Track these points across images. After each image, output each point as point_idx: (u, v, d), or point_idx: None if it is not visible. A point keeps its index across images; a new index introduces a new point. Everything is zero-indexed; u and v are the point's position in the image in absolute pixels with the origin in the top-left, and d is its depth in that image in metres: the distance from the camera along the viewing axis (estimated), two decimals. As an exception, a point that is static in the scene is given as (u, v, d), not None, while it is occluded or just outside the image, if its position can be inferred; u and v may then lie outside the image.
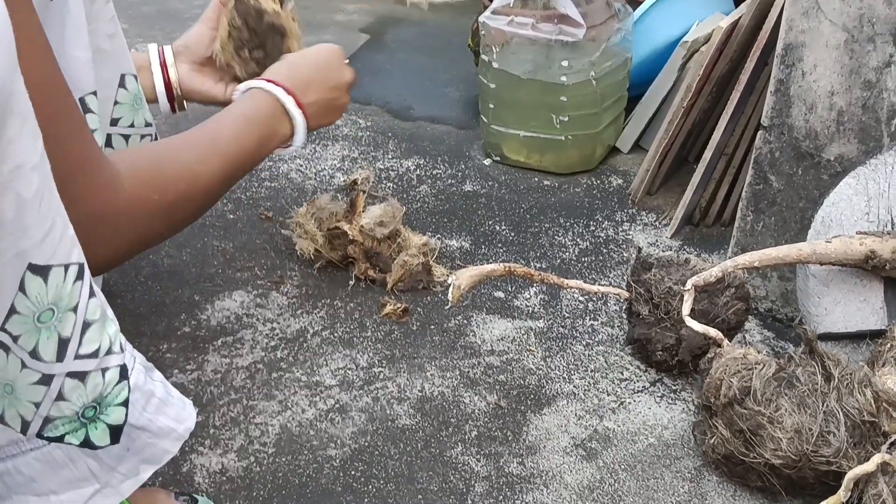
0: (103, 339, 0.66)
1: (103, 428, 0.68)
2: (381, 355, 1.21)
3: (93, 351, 0.66)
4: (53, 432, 0.66)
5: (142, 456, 0.73)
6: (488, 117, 1.70)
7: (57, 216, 0.62)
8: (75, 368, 0.65)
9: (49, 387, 0.64)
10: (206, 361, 1.18)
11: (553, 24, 1.58)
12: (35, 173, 0.58)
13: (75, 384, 0.65)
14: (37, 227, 0.59)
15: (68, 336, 0.64)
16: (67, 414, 0.66)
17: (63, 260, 0.62)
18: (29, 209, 0.58)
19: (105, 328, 0.67)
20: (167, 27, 2.33)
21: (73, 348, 0.64)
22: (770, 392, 0.95)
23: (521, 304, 1.32)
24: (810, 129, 1.17)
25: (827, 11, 1.10)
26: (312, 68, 1.12)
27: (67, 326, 0.63)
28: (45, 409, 0.65)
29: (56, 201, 0.62)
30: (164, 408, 0.73)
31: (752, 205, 1.26)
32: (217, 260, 1.39)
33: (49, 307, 0.62)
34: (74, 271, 0.63)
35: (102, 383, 0.67)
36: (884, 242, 1.04)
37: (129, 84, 1.02)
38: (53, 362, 0.63)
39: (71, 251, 0.63)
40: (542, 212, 1.56)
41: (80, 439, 0.67)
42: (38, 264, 0.60)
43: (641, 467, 1.04)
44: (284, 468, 1.03)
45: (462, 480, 1.02)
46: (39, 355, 0.63)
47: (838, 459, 0.92)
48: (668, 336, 1.13)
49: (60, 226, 0.62)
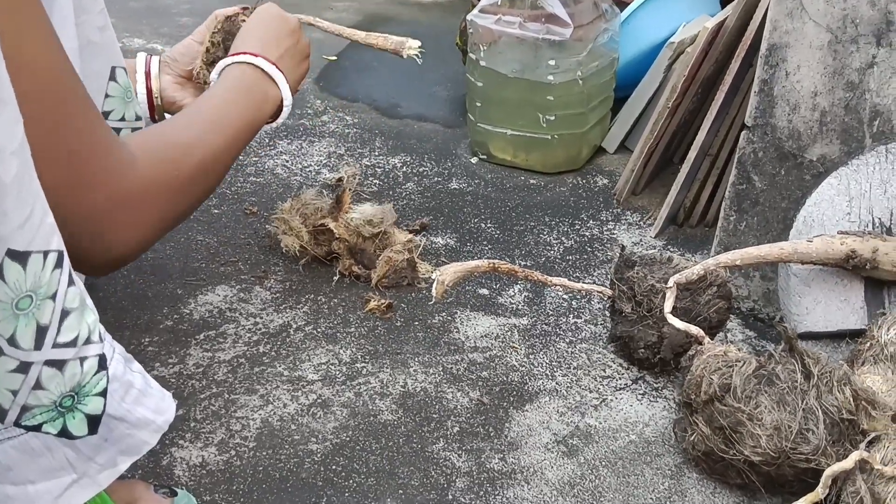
0: (82, 327, 0.66)
1: (81, 418, 0.67)
2: (364, 351, 1.21)
3: (71, 339, 0.65)
4: (31, 421, 0.66)
5: (120, 447, 0.72)
6: (475, 115, 1.70)
7: (36, 202, 0.61)
8: (53, 357, 0.64)
9: (27, 375, 0.64)
10: (188, 355, 1.18)
11: (541, 24, 1.58)
12: (14, 158, 0.58)
13: (53, 373, 0.65)
14: (16, 212, 0.59)
15: (46, 324, 0.63)
16: (45, 403, 0.65)
17: (42, 247, 0.62)
18: (8, 194, 0.58)
19: (84, 317, 0.66)
20: (155, 23, 2.33)
21: (51, 336, 0.64)
22: (750, 389, 0.96)
23: (506, 301, 1.32)
24: (793, 129, 1.18)
25: (811, 12, 1.11)
26: (262, 29, 1.13)
27: (46, 314, 0.63)
28: (22, 397, 0.64)
29: (36, 187, 0.61)
30: (143, 399, 0.72)
31: (736, 204, 1.27)
32: (201, 254, 1.39)
33: (27, 294, 0.61)
34: (54, 258, 0.63)
35: (81, 372, 0.66)
36: (864, 242, 1.05)
37: (120, 77, 1.01)
38: (31, 350, 0.63)
39: (50, 238, 0.62)
40: (528, 210, 1.56)
41: (58, 429, 0.67)
42: (17, 250, 0.60)
43: (622, 464, 1.05)
44: (265, 462, 1.02)
45: (443, 476, 1.02)
46: (17, 343, 0.62)
47: (817, 457, 0.93)
48: (650, 334, 1.14)
49: (40, 212, 0.61)
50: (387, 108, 1.92)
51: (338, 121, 1.83)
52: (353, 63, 2.14)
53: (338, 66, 2.11)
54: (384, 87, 2.01)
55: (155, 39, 2.22)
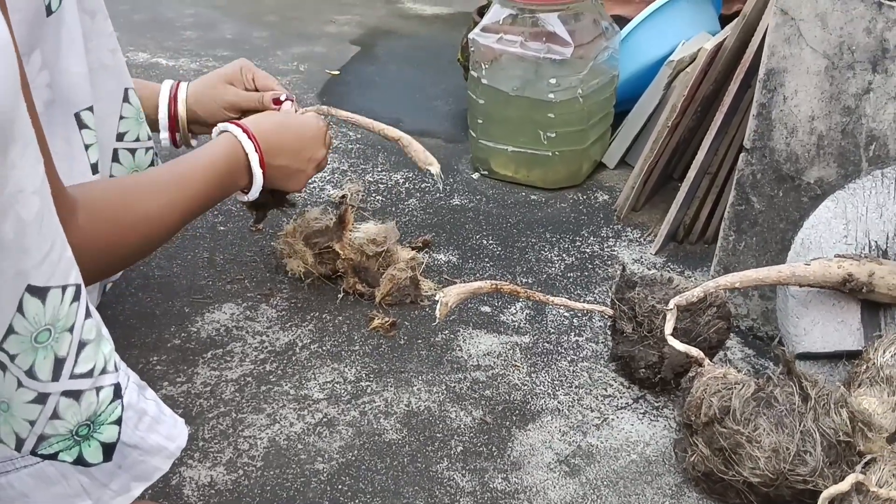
0: (98, 358, 0.68)
1: (96, 446, 0.69)
2: (368, 369, 1.23)
3: (88, 370, 0.67)
4: (47, 450, 0.68)
5: (133, 473, 0.74)
6: (477, 132, 1.72)
7: (56, 238, 0.63)
8: (70, 388, 0.66)
9: (44, 405, 0.65)
10: (195, 374, 1.19)
11: (541, 43, 1.60)
12: (36, 196, 0.60)
13: (70, 403, 0.66)
14: (37, 248, 0.61)
15: (64, 356, 0.65)
16: (62, 432, 0.67)
17: (61, 281, 0.64)
18: (29, 231, 0.60)
19: (100, 347, 0.68)
20: (158, 36, 2.35)
21: (68, 368, 0.65)
22: (749, 411, 0.98)
23: (508, 319, 1.34)
24: (791, 152, 1.20)
25: (808, 38, 1.13)
26: (292, 136, 1.19)
27: (63, 346, 0.65)
28: (39, 427, 0.66)
29: (55, 223, 0.63)
30: (156, 426, 0.74)
31: (735, 225, 1.29)
32: (207, 272, 1.41)
33: (46, 327, 0.63)
34: (72, 292, 0.65)
35: (96, 402, 0.68)
36: (861, 266, 1.07)
37: (132, 98, 1.03)
38: (49, 381, 0.65)
39: (69, 272, 0.64)
40: (529, 226, 1.58)
41: (74, 457, 0.69)
42: (36, 285, 0.62)
43: (623, 483, 1.06)
44: (272, 482, 1.04)
45: (447, 495, 1.04)
46: (35, 374, 0.64)
47: (814, 478, 0.95)
48: (651, 354, 1.16)
49: (59, 247, 0.63)
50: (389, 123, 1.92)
51: (341, 136, 1.84)
52: (355, 78, 2.16)
53: (341, 81, 2.13)
54: (386, 103, 2.03)
55: (159, 53, 2.24)
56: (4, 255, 0.59)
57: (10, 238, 0.58)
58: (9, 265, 0.59)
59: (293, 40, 2.38)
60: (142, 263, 1.41)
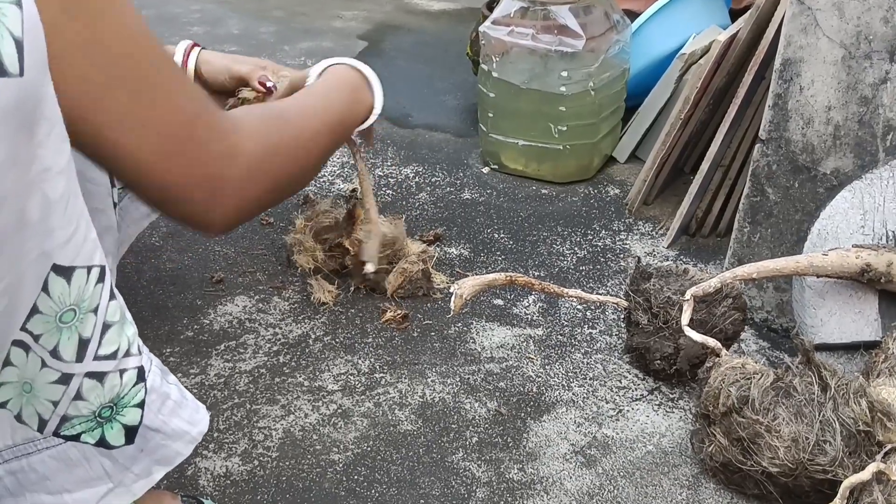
0: (122, 340, 0.68)
1: (119, 428, 0.69)
2: (382, 361, 1.22)
3: (112, 352, 0.67)
4: (70, 431, 0.68)
5: (155, 457, 0.74)
6: (487, 126, 1.72)
7: (81, 219, 0.63)
8: (94, 369, 0.66)
9: (68, 386, 0.65)
10: (209, 366, 1.19)
11: (553, 35, 1.60)
12: (62, 177, 0.60)
13: (93, 384, 0.66)
14: (62, 229, 0.61)
15: (88, 337, 0.65)
16: (84, 413, 0.67)
17: (86, 262, 0.63)
18: (55, 211, 0.60)
19: (124, 330, 0.68)
20: (165, 32, 2.34)
21: (92, 349, 0.65)
22: (768, 401, 0.97)
23: (521, 311, 1.34)
24: (807, 142, 1.19)
25: (825, 28, 1.13)
26: None
27: (88, 327, 0.65)
28: (62, 407, 0.66)
29: (81, 205, 0.63)
30: (179, 410, 0.74)
31: (750, 216, 1.28)
32: (219, 265, 1.40)
33: (71, 307, 0.63)
34: (97, 273, 0.65)
35: (120, 384, 0.68)
36: (879, 256, 1.06)
37: None
38: (73, 362, 0.65)
39: (93, 254, 0.64)
40: (541, 220, 1.58)
41: (96, 438, 0.69)
42: (62, 265, 0.61)
43: (640, 474, 1.06)
44: (288, 472, 1.04)
45: (463, 486, 1.03)
46: (60, 355, 0.64)
47: (834, 468, 0.94)
48: (666, 345, 1.15)
49: (84, 229, 0.63)
50: (398, 118, 1.93)
51: (350, 130, 1.84)
52: (363, 72, 2.15)
53: (348, 76, 2.12)
54: (395, 97, 2.03)
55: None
56: (30, 235, 0.58)
57: (35, 218, 0.58)
58: (34, 245, 0.59)
59: (300, 36, 2.38)
60: (153, 255, 1.41)
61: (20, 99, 0.54)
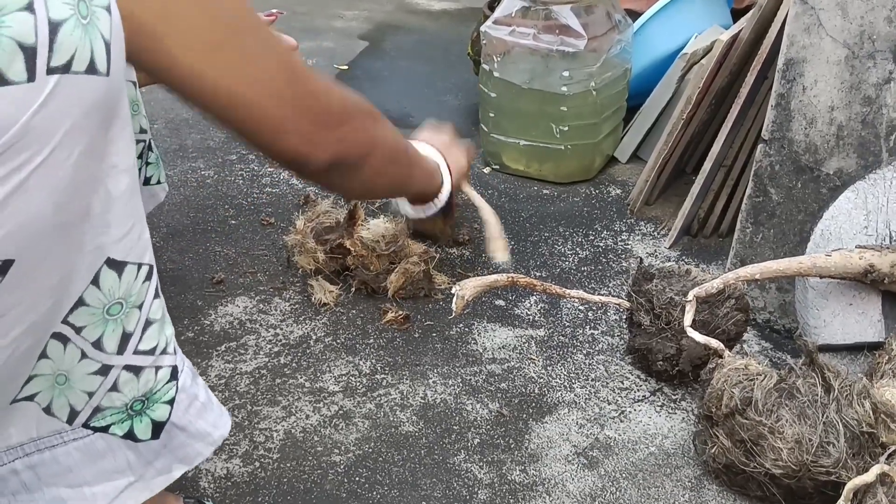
0: (161, 338, 0.70)
1: (147, 422, 0.71)
2: (383, 362, 1.22)
3: (151, 348, 0.69)
4: (100, 422, 0.69)
5: (177, 454, 0.75)
6: (488, 126, 1.71)
7: (137, 219, 0.66)
8: (132, 363, 0.68)
9: (106, 377, 0.67)
10: (210, 367, 1.19)
11: (554, 35, 1.59)
12: (125, 175, 0.63)
13: (130, 377, 0.68)
14: (119, 225, 0.63)
15: (131, 331, 0.67)
16: (117, 405, 0.69)
17: (137, 259, 0.66)
18: (115, 207, 0.62)
19: (164, 328, 0.70)
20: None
21: (133, 343, 0.67)
22: (771, 403, 0.97)
23: (522, 312, 1.33)
24: (810, 143, 1.19)
25: (828, 28, 1.12)
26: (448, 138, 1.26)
27: (132, 321, 0.67)
28: (97, 398, 0.68)
29: (139, 206, 0.66)
30: (205, 412, 0.76)
31: (752, 217, 1.28)
32: (220, 265, 1.40)
33: (118, 300, 0.65)
34: (146, 271, 0.67)
35: (154, 380, 0.70)
36: (882, 256, 1.06)
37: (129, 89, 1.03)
38: (114, 354, 0.67)
39: (144, 252, 0.67)
40: (542, 220, 1.57)
41: (125, 430, 0.70)
42: (115, 259, 0.64)
43: (642, 476, 1.05)
44: (289, 474, 1.03)
45: (465, 487, 1.03)
46: (103, 346, 0.66)
47: (837, 470, 0.94)
48: (668, 346, 1.15)
49: (139, 228, 0.66)
50: (399, 118, 1.93)
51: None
52: (364, 72, 2.15)
53: (349, 76, 2.12)
54: (396, 97, 2.02)
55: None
56: (90, 227, 0.61)
57: (97, 211, 0.61)
58: (91, 238, 0.61)
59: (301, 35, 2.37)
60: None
61: (105, 97, 0.57)
